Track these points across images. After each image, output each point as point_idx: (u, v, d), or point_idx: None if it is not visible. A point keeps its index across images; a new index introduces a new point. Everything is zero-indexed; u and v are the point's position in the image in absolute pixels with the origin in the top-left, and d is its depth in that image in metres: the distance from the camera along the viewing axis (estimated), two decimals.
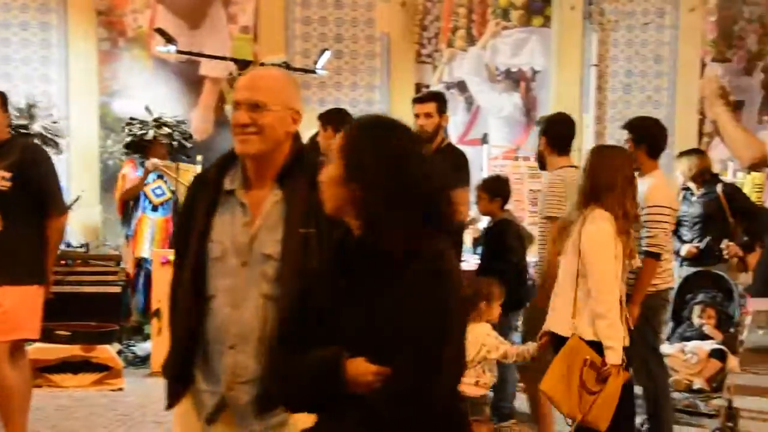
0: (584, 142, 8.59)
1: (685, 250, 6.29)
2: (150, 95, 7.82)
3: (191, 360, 2.55)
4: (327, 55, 7.76)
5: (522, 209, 6.89)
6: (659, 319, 5.13)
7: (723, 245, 6.20)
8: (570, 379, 3.88)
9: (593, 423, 3.89)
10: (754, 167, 8.58)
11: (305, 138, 6.17)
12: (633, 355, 4.57)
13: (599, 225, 3.89)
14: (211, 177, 2.60)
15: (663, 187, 4.89)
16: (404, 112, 8.37)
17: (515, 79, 8.65)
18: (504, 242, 5.47)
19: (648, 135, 4.94)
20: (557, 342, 4.05)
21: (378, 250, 2.06)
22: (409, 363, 2.02)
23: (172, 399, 2.61)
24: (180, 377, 2.58)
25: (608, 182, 3.95)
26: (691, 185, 6.43)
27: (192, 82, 8.14)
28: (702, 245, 6.28)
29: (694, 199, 6.38)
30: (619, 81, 8.64)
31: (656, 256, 4.71)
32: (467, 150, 8.50)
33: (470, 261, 7.01)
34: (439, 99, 5.50)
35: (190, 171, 7.05)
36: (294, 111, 2.55)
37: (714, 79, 8.78)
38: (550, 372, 3.94)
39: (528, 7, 8.59)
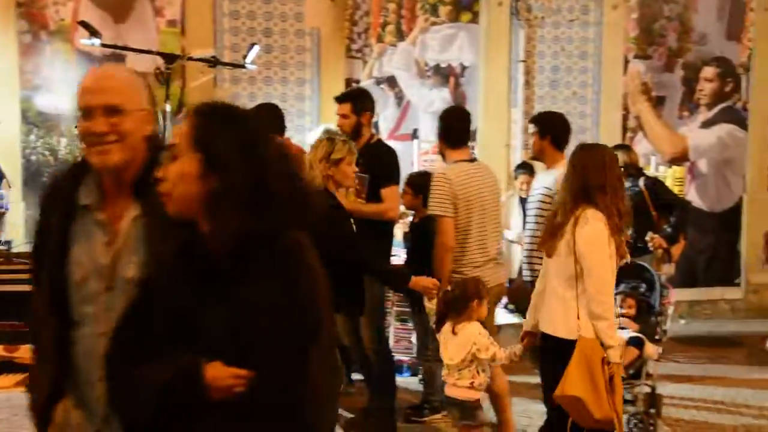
0: (512, 138, 8.74)
1: None
2: (74, 90, 7.61)
3: (60, 395, 2.32)
4: (256, 49, 7.69)
5: None
6: None
7: (648, 237, 6.36)
8: (596, 381, 3.83)
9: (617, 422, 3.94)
10: (675, 161, 8.86)
11: None
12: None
13: (594, 226, 3.88)
14: (63, 190, 2.33)
15: None
16: (334, 108, 8.41)
17: (444, 74, 8.72)
18: (431, 238, 5.52)
19: (552, 128, 5.07)
20: (553, 344, 4.02)
21: (232, 246, 1.92)
22: (272, 363, 1.91)
23: None
24: (47, 417, 2.33)
25: (599, 182, 3.95)
26: None
27: None
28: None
29: None
30: (546, 77, 8.79)
31: None
32: (397, 145, 8.57)
33: (400, 255, 7.05)
34: (354, 99, 5.49)
35: None
36: (148, 111, 2.37)
37: (637, 76, 9.01)
38: (572, 377, 3.84)
39: (456, 2, 8.66)
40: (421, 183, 5.71)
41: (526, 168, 7.75)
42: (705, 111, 9.17)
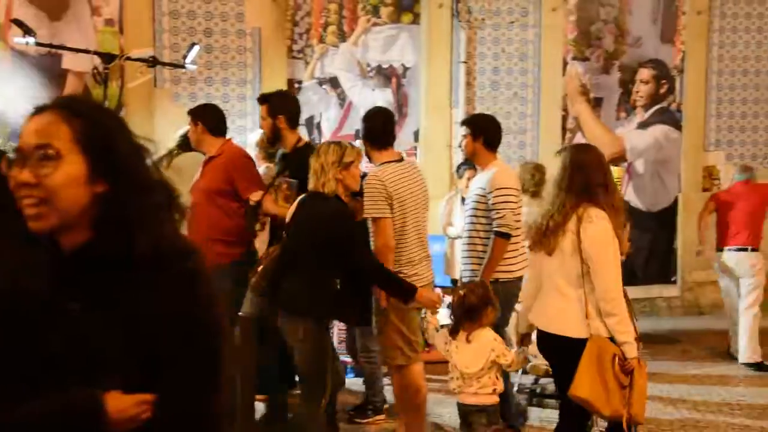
0: (454, 138, 8.80)
1: None
2: (8, 90, 7.45)
3: None
4: (196, 49, 7.60)
5: None
6: (511, 307, 5.33)
7: None
8: (605, 378, 3.89)
9: (635, 417, 3.98)
10: (613, 162, 9.01)
11: (176, 135, 6.08)
12: None
13: (600, 224, 3.92)
14: None
15: (505, 172, 5.29)
16: None
17: (386, 75, 8.75)
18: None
19: (484, 130, 5.21)
20: (562, 343, 4.05)
21: (119, 258, 1.70)
22: (174, 385, 1.74)
23: None
24: None
25: (601, 180, 4.02)
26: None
27: (54, 76, 7.80)
28: None
29: None
30: (486, 78, 8.88)
31: (506, 236, 5.02)
32: None
33: None
34: (269, 101, 5.45)
35: None
36: None
37: (575, 77, 9.16)
38: (582, 377, 3.89)
39: (397, 3, 8.69)
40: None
41: (469, 164, 7.82)
42: (641, 112, 9.37)
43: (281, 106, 5.47)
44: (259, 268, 4.76)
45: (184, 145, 5.93)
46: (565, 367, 4.03)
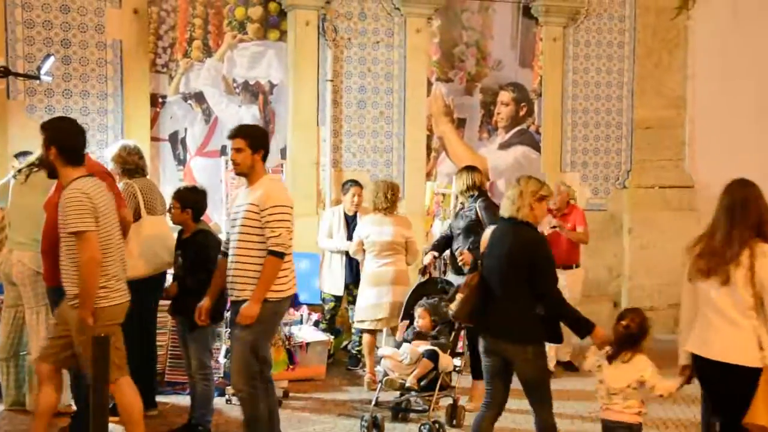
0: (321, 155, 8.83)
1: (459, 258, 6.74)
2: None
3: None
4: (51, 60, 7.32)
5: None
6: (276, 329, 5.37)
7: (457, 252, 6.62)
8: None
9: None
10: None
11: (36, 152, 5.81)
12: (238, 361, 4.95)
13: None
14: None
15: (280, 188, 5.22)
16: (139, 122, 8.19)
17: (253, 91, 8.68)
18: (206, 253, 5.51)
19: (263, 144, 5.14)
20: (733, 372, 4.17)
21: None
22: None
23: None
24: None
25: (766, 216, 4.24)
26: (462, 199, 6.89)
27: None
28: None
29: (462, 212, 6.82)
30: (353, 96, 8.96)
31: (281, 255, 4.89)
32: (205, 162, 8.46)
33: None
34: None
35: None
36: None
37: (440, 98, 9.37)
38: (759, 405, 4.07)
39: (264, 20, 8.66)
40: (188, 198, 5.75)
41: (355, 182, 7.92)
42: (503, 133, 9.68)
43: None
44: (458, 296, 5.01)
45: (43, 161, 5.67)
46: (735, 395, 4.19)
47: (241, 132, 5.17)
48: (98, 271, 4.73)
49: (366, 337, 7.29)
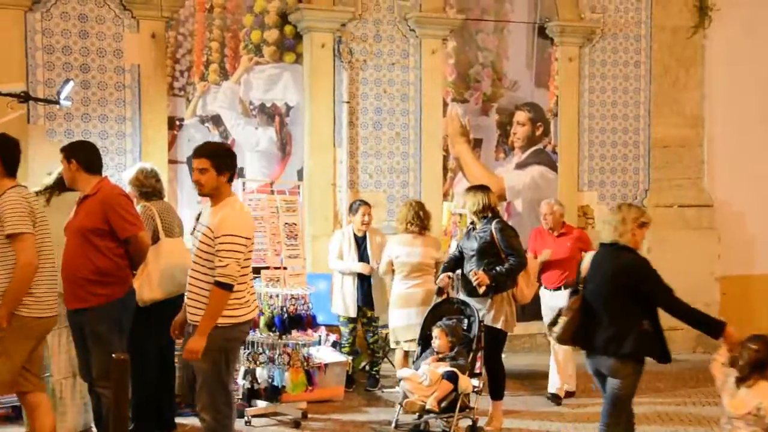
0: (338, 177, 8.86)
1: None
2: None
3: None
4: (71, 84, 7.41)
5: (278, 242, 6.92)
6: (236, 354, 5.12)
7: (472, 272, 6.40)
8: None
9: None
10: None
11: (54, 174, 5.86)
12: (203, 390, 4.72)
13: None
14: None
15: (239, 216, 4.82)
16: (157, 144, 8.25)
17: (270, 113, 8.74)
18: None
19: (229, 164, 4.85)
20: None
21: None
22: None
23: None
24: None
25: None
26: (474, 219, 6.63)
27: None
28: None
29: (475, 233, 6.58)
30: (369, 117, 9.00)
31: (227, 287, 4.64)
32: None
33: None
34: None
35: None
36: None
37: (455, 118, 9.39)
38: None
39: (280, 43, 8.73)
40: None
41: (363, 201, 7.91)
42: (519, 153, 9.68)
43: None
44: (561, 320, 5.11)
45: (60, 184, 5.72)
46: None
47: (205, 151, 4.84)
48: (32, 277, 4.75)
49: (399, 353, 7.30)
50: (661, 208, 10.06)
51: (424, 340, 6.49)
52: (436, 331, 6.37)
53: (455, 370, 6.09)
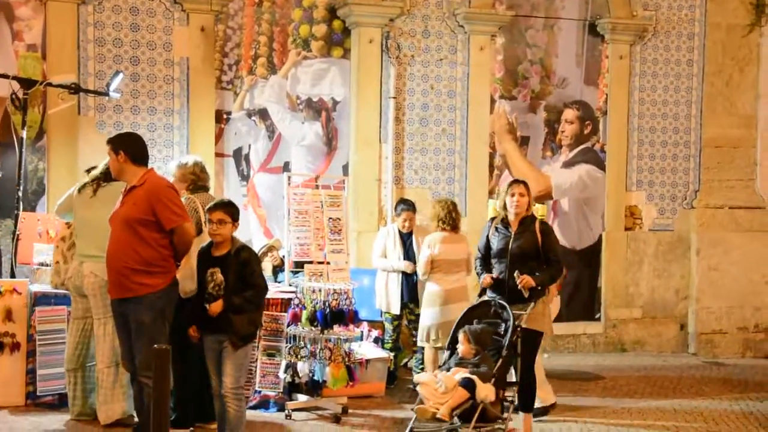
0: (383, 172, 8.84)
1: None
2: None
3: None
4: (120, 77, 7.51)
5: (322, 237, 6.91)
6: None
7: (516, 274, 6.04)
8: None
9: None
10: (539, 199, 9.15)
11: (101, 165, 5.94)
12: None
13: None
14: None
15: None
16: (204, 137, 8.31)
17: (316, 108, 8.75)
18: (252, 269, 5.36)
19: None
20: None
21: None
22: None
23: None
24: None
25: None
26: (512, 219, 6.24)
27: None
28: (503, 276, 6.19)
29: (509, 232, 6.20)
30: (416, 113, 8.96)
31: None
32: (269, 178, 8.54)
33: (270, 289, 6.95)
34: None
35: None
36: None
37: (503, 115, 9.31)
38: None
39: (328, 38, 8.73)
40: (237, 211, 5.44)
41: (408, 204, 7.83)
42: (566, 151, 9.56)
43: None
44: None
45: (107, 175, 5.79)
46: None
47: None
48: None
49: (429, 352, 7.23)
50: (711, 210, 9.87)
51: (453, 343, 6.12)
52: (460, 336, 5.98)
53: (473, 377, 5.66)
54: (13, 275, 6.80)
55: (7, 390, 6.37)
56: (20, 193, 6.99)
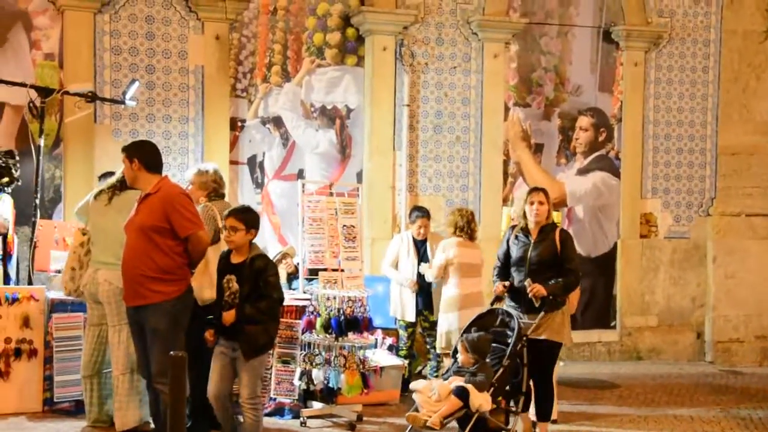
0: (397, 180, 8.84)
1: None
2: None
3: None
4: (136, 85, 7.55)
5: (336, 244, 6.92)
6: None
7: (527, 282, 5.95)
8: None
9: None
10: (553, 206, 9.09)
11: (117, 173, 5.97)
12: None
13: None
14: None
15: None
16: (219, 145, 8.34)
17: (330, 116, 8.77)
18: (266, 279, 5.25)
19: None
20: None
21: None
22: None
23: None
24: None
25: None
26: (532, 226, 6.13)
27: None
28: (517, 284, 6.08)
29: (528, 240, 6.10)
30: (429, 121, 8.96)
31: None
32: (284, 185, 8.56)
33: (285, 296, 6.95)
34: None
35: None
36: None
37: (517, 123, 9.30)
38: None
39: (342, 46, 8.76)
40: (256, 218, 5.38)
41: (422, 211, 7.83)
42: (581, 158, 9.54)
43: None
44: None
45: (122, 183, 5.82)
46: None
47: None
48: None
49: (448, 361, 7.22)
50: (727, 217, 9.82)
51: (456, 352, 6.05)
52: (459, 344, 5.94)
53: (468, 386, 5.59)
54: (30, 282, 6.84)
55: (24, 396, 6.40)
56: (37, 201, 7.04)
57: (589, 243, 9.58)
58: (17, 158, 7.10)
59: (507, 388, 5.90)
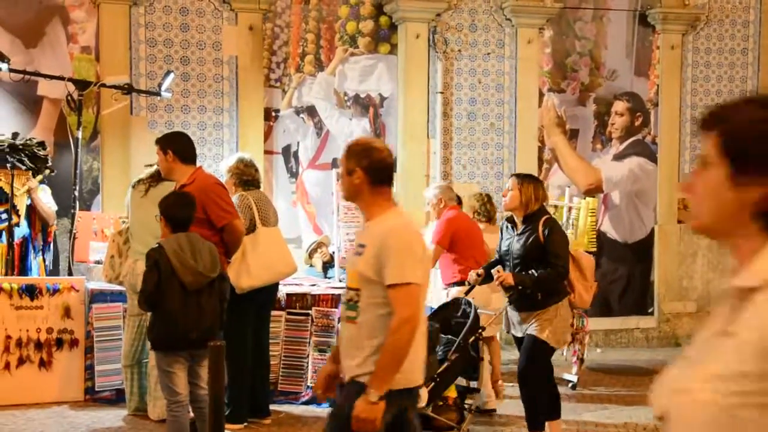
0: (432, 168, 8.82)
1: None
2: None
3: None
4: (171, 76, 7.61)
5: None
6: None
7: (494, 270, 5.53)
8: None
9: None
10: (589, 192, 9.05)
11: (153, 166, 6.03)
12: None
13: None
14: None
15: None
16: (253, 135, 8.38)
17: (364, 104, 8.77)
18: None
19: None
20: None
21: None
22: None
23: None
24: None
25: None
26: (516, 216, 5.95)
27: (29, 102, 7.77)
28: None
29: (514, 233, 5.66)
30: (463, 108, 8.92)
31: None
32: (318, 175, 8.58)
33: (321, 285, 7.00)
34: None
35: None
36: None
37: (551, 109, 9.22)
38: None
39: (375, 34, 8.74)
40: None
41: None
42: (617, 144, 9.44)
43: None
44: None
45: (157, 175, 5.87)
46: None
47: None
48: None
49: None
50: None
51: None
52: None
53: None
54: (70, 273, 6.95)
55: (66, 386, 6.52)
56: (76, 193, 7.14)
57: (625, 229, 9.49)
58: (48, 149, 7.23)
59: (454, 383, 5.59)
